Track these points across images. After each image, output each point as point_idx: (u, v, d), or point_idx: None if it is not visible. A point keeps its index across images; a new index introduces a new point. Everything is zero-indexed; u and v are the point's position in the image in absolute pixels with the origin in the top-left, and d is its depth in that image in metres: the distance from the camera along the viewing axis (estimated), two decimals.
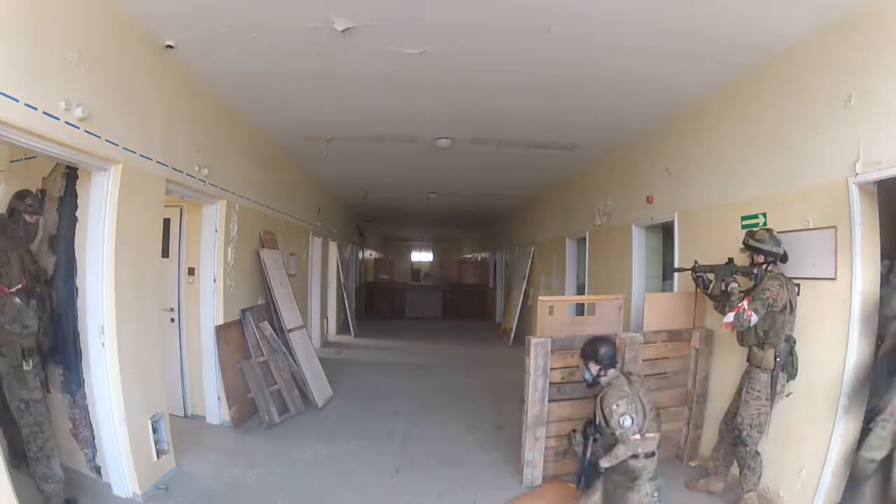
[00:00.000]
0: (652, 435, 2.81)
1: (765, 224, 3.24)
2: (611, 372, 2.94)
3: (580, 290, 7.10)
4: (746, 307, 2.88)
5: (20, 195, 2.83)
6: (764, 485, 3.07)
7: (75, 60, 2.54)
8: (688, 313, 3.87)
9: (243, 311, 4.85)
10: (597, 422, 2.84)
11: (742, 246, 3.09)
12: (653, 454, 2.83)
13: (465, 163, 6.77)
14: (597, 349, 2.97)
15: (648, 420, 2.82)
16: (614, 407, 2.76)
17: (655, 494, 2.82)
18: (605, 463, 2.83)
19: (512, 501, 3.27)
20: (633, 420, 2.72)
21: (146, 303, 3.31)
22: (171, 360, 4.38)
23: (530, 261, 9.44)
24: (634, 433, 2.74)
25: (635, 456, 2.78)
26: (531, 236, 9.77)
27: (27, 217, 2.83)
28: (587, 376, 3.00)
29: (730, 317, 2.96)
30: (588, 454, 2.93)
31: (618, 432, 2.75)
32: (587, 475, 2.93)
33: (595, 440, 2.89)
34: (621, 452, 2.78)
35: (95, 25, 2.70)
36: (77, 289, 3.02)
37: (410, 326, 12.27)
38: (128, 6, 2.88)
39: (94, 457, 3.13)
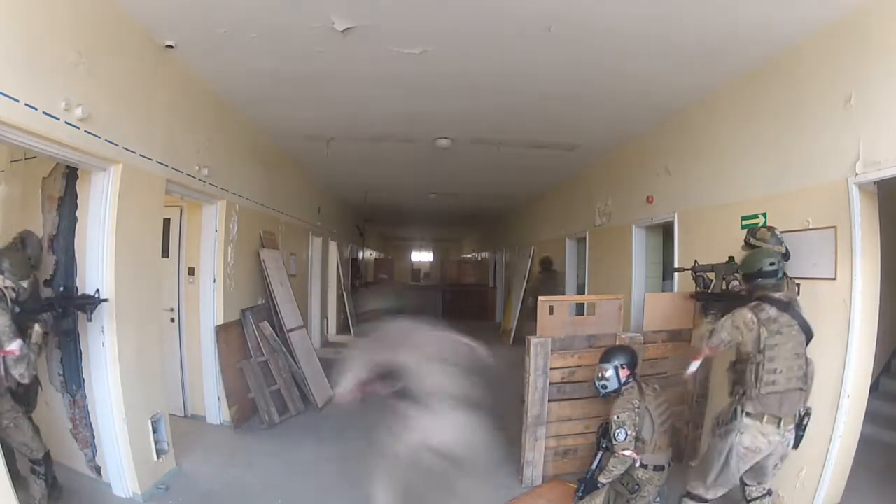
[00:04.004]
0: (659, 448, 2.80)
1: (765, 224, 3.24)
2: (631, 381, 2.91)
3: (580, 290, 7.10)
4: None
5: None
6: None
7: (75, 60, 2.54)
8: (688, 313, 3.86)
9: (243, 311, 4.85)
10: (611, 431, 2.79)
11: (744, 244, 3.08)
12: (662, 468, 2.81)
13: (465, 163, 6.76)
14: (633, 355, 2.91)
15: (658, 434, 2.79)
16: (614, 418, 2.73)
17: (657, 500, 2.82)
18: (601, 479, 2.80)
19: (512, 501, 3.27)
20: (626, 435, 2.68)
21: (146, 303, 3.31)
22: (171, 360, 4.37)
23: (530, 261, 9.43)
24: (625, 448, 2.69)
25: (644, 466, 2.76)
26: (531, 236, 9.76)
27: None
28: (613, 383, 2.86)
29: None
30: (594, 464, 2.92)
31: (613, 443, 2.73)
32: (586, 485, 2.91)
33: (607, 449, 2.86)
34: (612, 466, 2.73)
35: (95, 25, 2.70)
36: (77, 289, 3.01)
37: None
38: (128, 6, 2.88)
39: (94, 457, 3.13)
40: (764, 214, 3.31)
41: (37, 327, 2.52)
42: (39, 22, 2.32)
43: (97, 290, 2.81)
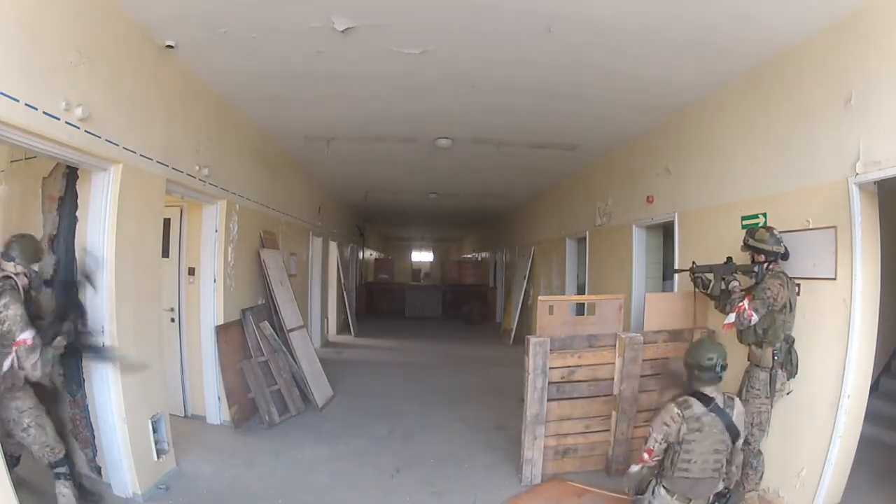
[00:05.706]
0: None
1: (765, 224, 3.24)
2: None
3: (580, 290, 7.10)
4: (747, 307, 2.88)
5: None
6: (764, 485, 3.07)
7: (76, 60, 2.54)
8: (688, 313, 3.87)
9: (243, 311, 4.85)
10: None
11: (742, 245, 3.09)
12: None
13: (465, 163, 6.77)
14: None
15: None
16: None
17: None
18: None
19: (511, 500, 3.27)
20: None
21: (146, 303, 3.31)
22: (171, 360, 4.37)
23: (530, 261, 9.43)
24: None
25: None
26: (531, 236, 9.77)
27: None
28: None
29: (731, 317, 2.96)
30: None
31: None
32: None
33: None
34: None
35: (96, 25, 2.70)
36: (77, 289, 3.02)
37: (411, 326, 12.27)
38: (128, 6, 2.88)
39: (94, 457, 3.13)
40: (764, 214, 3.31)
41: (59, 338, 2.58)
42: (40, 22, 2.32)
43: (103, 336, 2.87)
